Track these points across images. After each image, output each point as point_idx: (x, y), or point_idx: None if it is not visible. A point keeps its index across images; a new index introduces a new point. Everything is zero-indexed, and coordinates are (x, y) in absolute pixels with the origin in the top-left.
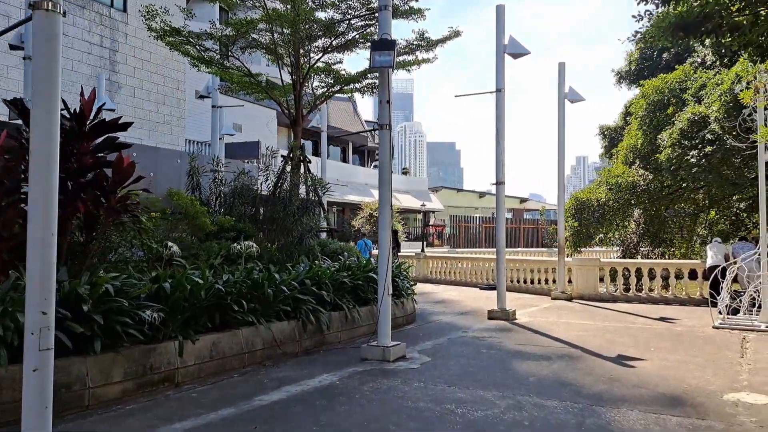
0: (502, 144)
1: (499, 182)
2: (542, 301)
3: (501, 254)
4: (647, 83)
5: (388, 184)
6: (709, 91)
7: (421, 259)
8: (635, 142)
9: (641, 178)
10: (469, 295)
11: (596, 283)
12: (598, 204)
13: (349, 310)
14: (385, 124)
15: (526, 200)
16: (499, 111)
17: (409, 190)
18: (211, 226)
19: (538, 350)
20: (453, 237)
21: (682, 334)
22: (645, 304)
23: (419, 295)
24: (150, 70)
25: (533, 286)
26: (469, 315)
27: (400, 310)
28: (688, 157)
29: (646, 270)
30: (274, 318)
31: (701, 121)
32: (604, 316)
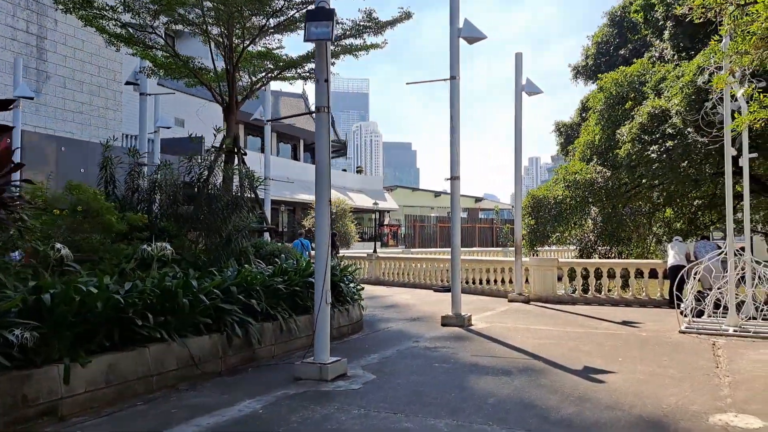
0: (457, 135)
1: (454, 177)
2: (499, 304)
3: (456, 254)
4: (606, 76)
5: (326, 178)
6: (669, 83)
7: (373, 260)
8: (592, 138)
9: (599, 175)
10: (423, 298)
11: (554, 284)
12: (555, 202)
13: (284, 320)
14: (323, 107)
15: (481, 200)
16: (453, 99)
17: (364, 190)
18: (119, 224)
19: (497, 363)
20: (408, 237)
21: (648, 340)
22: (605, 305)
23: (370, 299)
24: (83, 59)
25: (489, 287)
26: (421, 321)
27: (345, 318)
28: (648, 153)
29: (606, 270)
30: (191, 332)
31: (661, 114)
32: (564, 321)
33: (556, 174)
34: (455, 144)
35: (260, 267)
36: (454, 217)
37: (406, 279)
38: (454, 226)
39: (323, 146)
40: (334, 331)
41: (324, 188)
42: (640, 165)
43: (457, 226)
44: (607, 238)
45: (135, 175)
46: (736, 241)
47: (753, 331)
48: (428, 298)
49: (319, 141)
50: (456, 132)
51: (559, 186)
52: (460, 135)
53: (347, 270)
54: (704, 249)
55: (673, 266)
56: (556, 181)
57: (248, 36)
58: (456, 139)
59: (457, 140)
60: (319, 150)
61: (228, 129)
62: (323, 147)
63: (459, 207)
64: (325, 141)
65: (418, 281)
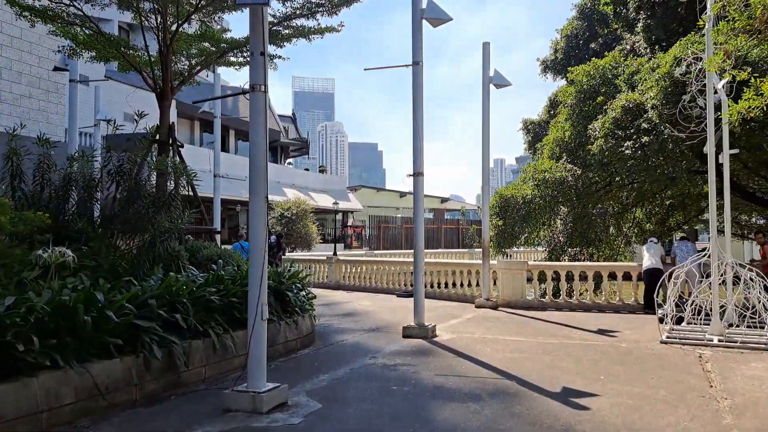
0: (420, 126)
1: (417, 173)
2: (466, 311)
3: (419, 259)
4: (577, 69)
5: (262, 170)
6: (643, 76)
7: (333, 263)
8: (562, 134)
9: (569, 173)
10: (385, 305)
11: (524, 289)
12: (523, 201)
13: (218, 336)
14: (259, 85)
15: (447, 200)
16: (416, 87)
17: (327, 190)
18: (13, 225)
19: (465, 384)
20: (373, 238)
21: (629, 352)
22: (577, 311)
23: (326, 306)
24: (21, 49)
25: (455, 291)
26: (381, 332)
27: (293, 332)
28: (622, 149)
29: (578, 273)
30: (97, 356)
31: (636, 109)
32: (536, 330)
33: (524, 172)
34: (418, 136)
35: (193, 274)
36: (417, 217)
37: (367, 283)
38: (417, 227)
39: (259, 132)
40: (280, 346)
41: (260, 182)
42: (614, 162)
43: (421, 228)
44: (578, 240)
45: (45, 168)
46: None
47: (740, 341)
48: (390, 304)
49: (255, 126)
50: (419, 123)
51: (528, 185)
52: (423, 127)
53: (297, 276)
54: (684, 251)
55: (648, 269)
56: (525, 180)
57: (183, 14)
58: (419, 130)
59: (420, 132)
60: (254, 137)
61: (162, 117)
62: (259, 133)
63: (422, 206)
64: (261, 127)
65: (381, 285)
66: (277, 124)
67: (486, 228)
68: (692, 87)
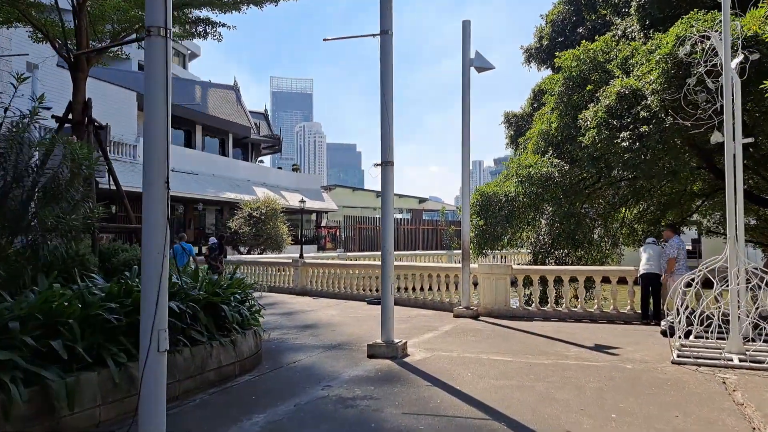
0: (390, 105)
1: (386, 162)
2: (443, 321)
3: (388, 261)
4: (565, 54)
5: (160, 147)
6: (640, 59)
7: (299, 266)
8: (548, 127)
9: (556, 169)
10: (353, 314)
11: (508, 296)
12: (506, 199)
13: (119, 366)
14: (157, 27)
15: (425, 200)
16: (385, 59)
17: (300, 189)
18: None
19: (442, 427)
20: (349, 240)
21: (638, 378)
22: (567, 321)
23: (286, 315)
24: None
25: (432, 298)
26: (343, 350)
27: (230, 354)
28: (618, 140)
29: (567, 278)
30: None
31: (632, 96)
32: (523, 345)
33: (507, 168)
34: (387, 118)
35: (95, 284)
36: (385, 214)
37: (336, 288)
38: (385, 226)
39: (156, 94)
40: (212, 374)
41: (157, 162)
42: (608, 155)
43: (390, 227)
44: (564, 241)
45: None
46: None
47: (766, 361)
48: (358, 313)
49: (152, 85)
50: (388, 102)
51: (511, 182)
52: (393, 108)
53: (240, 285)
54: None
55: (645, 274)
56: (508, 177)
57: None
58: (388, 112)
59: (389, 112)
60: (150, 100)
61: (75, 93)
62: (156, 95)
63: (392, 201)
64: (160, 86)
65: (351, 291)
66: (248, 119)
67: (466, 228)
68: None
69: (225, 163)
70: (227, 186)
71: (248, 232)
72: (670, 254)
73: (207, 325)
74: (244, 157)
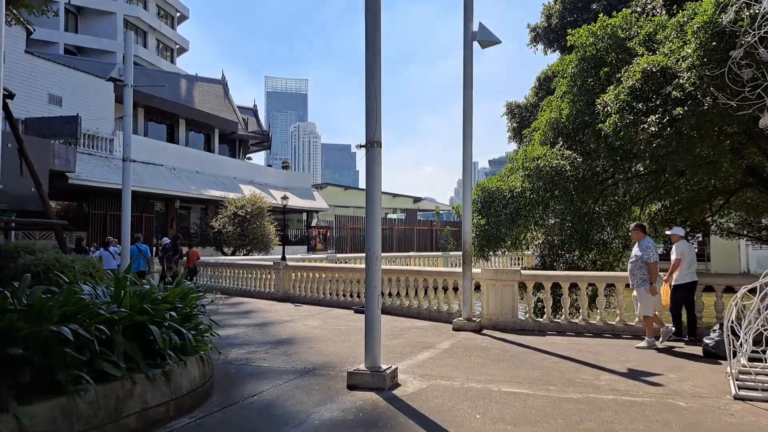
0: (377, 73)
1: (372, 142)
2: (441, 335)
3: (374, 267)
4: (581, 31)
5: None
6: (668, 34)
7: (280, 269)
8: (558, 115)
9: (567, 161)
10: (336, 324)
11: (515, 306)
12: (511, 195)
13: None
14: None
15: (421, 200)
16: (371, 18)
17: (290, 187)
18: None
19: None
20: (340, 240)
21: (701, 422)
22: (584, 335)
23: (258, 327)
24: None
25: (428, 307)
26: (318, 376)
27: (161, 391)
28: (644, 126)
29: (585, 286)
30: None
31: (661, 74)
32: (543, 371)
33: (512, 161)
34: (373, 88)
35: None
36: (371, 208)
37: (321, 294)
38: (370, 222)
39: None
40: (133, 419)
41: None
42: (631, 144)
43: (376, 224)
44: (576, 242)
45: None
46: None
47: None
48: (342, 324)
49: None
50: (374, 68)
51: (517, 176)
52: (380, 78)
53: (185, 296)
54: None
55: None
56: (513, 170)
57: None
58: (374, 79)
59: (375, 81)
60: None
61: None
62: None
63: (379, 191)
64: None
65: (337, 297)
66: (235, 114)
67: (468, 228)
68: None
69: (210, 159)
70: (212, 183)
71: (233, 231)
72: (647, 258)
73: (129, 353)
74: (231, 153)
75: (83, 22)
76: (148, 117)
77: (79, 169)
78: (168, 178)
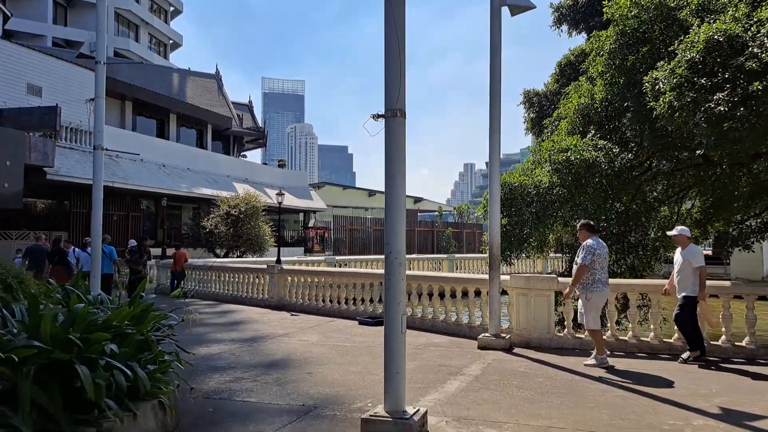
0: (401, 25)
1: (393, 110)
2: (466, 355)
3: (395, 277)
4: (621, 1)
5: None
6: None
7: (275, 274)
8: (588, 100)
9: (601, 153)
10: (340, 340)
11: (550, 319)
12: (537, 192)
13: None
14: None
15: (421, 200)
16: None
17: (286, 186)
18: None
19: None
20: (338, 242)
21: None
22: (636, 356)
23: (246, 343)
24: None
25: (444, 319)
26: (320, 419)
27: None
28: (710, 104)
29: (635, 296)
30: None
31: (728, 44)
32: (610, 411)
33: (536, 153)
34: (394, 48)
35: None
36: (392, 201)
37: (320, 302)
38: (391, 217)
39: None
40: None
41: None
42: (690, 126)
43: (400, 219)
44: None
45: None
46: None
47: None
48: (347, 340)
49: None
50: (396, 19)
51: (543, 169)
52: (404, 31)
53: (144, 320)
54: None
55: None
56: (538, 163)
57: None
58: (395, 35)
59: (396, 39)
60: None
61: None
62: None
63: (402, 176)
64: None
65: (338, 306)
66: (229, 110)
67: (495, 227)
68: None
69: (202, 156)
70: (204, 181)
71: (225, 232)
72: (580, 260)
73: (47, 407)
74: (225, 150)
75: (73, 14)
76: (137, 111)
77: (59, 164)
78: (157, 175)
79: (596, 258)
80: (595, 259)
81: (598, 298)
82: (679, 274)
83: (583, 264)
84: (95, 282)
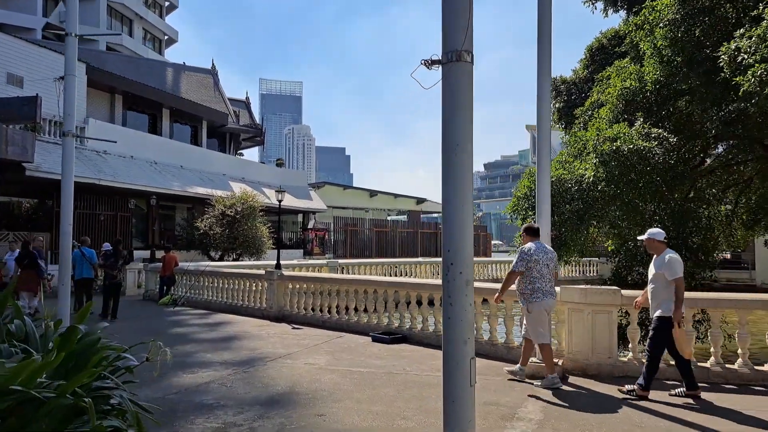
0: None
1: (457, 53)
2: (513, 387)
3: (461, 305)
4: None
5: None
6: None
7: (274, 281)
8: (635, 82)
9: (655, 142)
10: (354, 364)
11: (612, 342)
12: (579, 188)
13: None
14: None
15: (424, 201)
16: None
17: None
18: None
19: None
20: (338, 244)
21: None
22: (728, 389)
23: (241, 368)
24: None
25: (477, 339)
26: None
27: None
28: None
29: (719, 314)
30: None
31: None
32: None
33: (570, 145)
34: None
35: None
36: (455, 181)
37: (326, 313)
38: (455, 213)
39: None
40: None
41: None
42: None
43: (466, 212)
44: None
45: None
46: None
47: None
48: (362, 363)
49: None
50: None
51: (587, 162)
52: None
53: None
54: None
55: None
56: (580, 155)
57: None
58: None
59: None
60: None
61: None
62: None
63: (468, 146)
64: None
65: (347, 319)
66: (225, 106)
67: (546, 227)
68: None
69: (197, 153)
70: (198, 180)
71: (221, 233)
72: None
73: None
74: (220, 148)
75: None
76: (127, 105)
77: (41, 160)
78: (148, 173)
79: (533, 264)
80: (533, 266)
81: (539, 309)
82: (652, 288)
83: (513, 270)
84: (64, 290)
